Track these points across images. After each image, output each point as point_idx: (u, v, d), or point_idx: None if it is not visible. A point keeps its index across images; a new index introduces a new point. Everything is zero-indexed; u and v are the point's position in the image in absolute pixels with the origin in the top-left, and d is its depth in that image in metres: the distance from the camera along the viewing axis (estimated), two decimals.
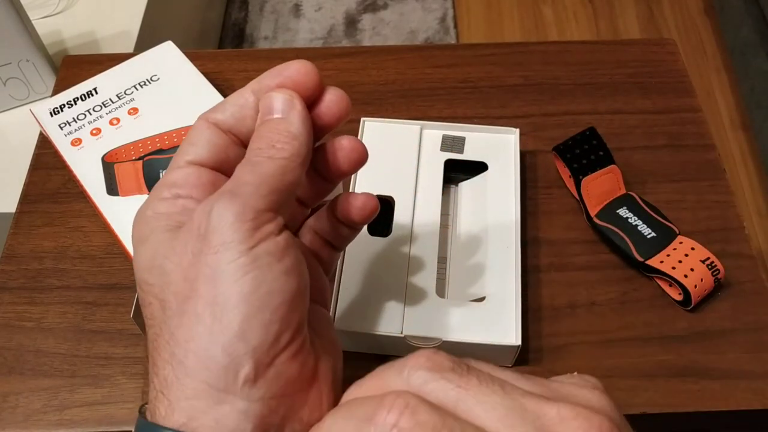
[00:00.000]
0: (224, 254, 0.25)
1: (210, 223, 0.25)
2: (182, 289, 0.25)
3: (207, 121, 0.29)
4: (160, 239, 0.27)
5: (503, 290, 0.42)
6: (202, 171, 0.28)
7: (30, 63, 0.76)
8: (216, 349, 0.24)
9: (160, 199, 0.28)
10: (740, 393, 0.41)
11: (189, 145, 0.29)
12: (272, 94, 0.28)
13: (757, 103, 1.31)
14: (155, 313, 0.26)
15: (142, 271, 0.27)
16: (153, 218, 0.27)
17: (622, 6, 1.65)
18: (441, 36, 1.60)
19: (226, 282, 0.24)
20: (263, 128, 0.28)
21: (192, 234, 0.25)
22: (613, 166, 0.47)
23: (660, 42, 0.59)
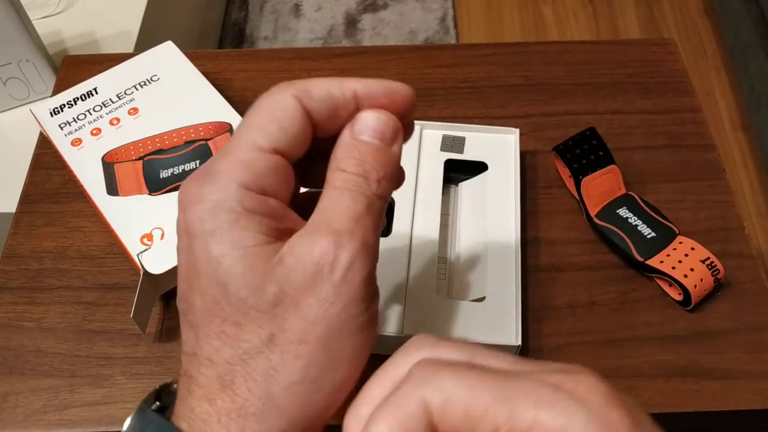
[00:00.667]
0: (350, 311, 0.24)
1: (347, 275, 0.24)
2: (295, 330, 0.24)
3: (301, 105, 0.26)
4: (260, 253, 0.24)
5: (503, 290, 0.42)
6: (287, 167, 0.26)
7: (30, 63, 0.76)
8: (318, 397, 0.25)
9: (245, 190, 0.25)
10: (740, 393, 0.41)
11: (279, 128, 0.26)
12: (384, 117, 0.27)
13: (757, 103, 1.31)
14: (248, 338, 0.24)
15: (236, 286, 0.24)
16: (243, 217, 0.25)
17: (622, 6, 1.65)
18: (441, 36, 1.60)
19: (345, 337, 0.25)
20: (367, 152, 0.26)
21: (319, 275, 0.24)
22: (613, 166, 0.47)
23: (660, 42, 0.59)
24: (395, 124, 0.27)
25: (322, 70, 0.57)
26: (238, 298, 0.24)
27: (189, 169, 0.47)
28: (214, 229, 0.24)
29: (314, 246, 0.24)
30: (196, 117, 0.50)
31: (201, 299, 0.25)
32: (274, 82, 0.60)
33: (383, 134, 0.26)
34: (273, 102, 0.26)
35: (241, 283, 0.24)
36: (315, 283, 0.24)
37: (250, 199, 0.25)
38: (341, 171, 0.26)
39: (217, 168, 0.25)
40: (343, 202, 0.25)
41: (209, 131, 0.49)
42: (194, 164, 0.47)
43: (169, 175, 0.47)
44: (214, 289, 0.25)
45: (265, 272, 0.24)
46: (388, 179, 0.26)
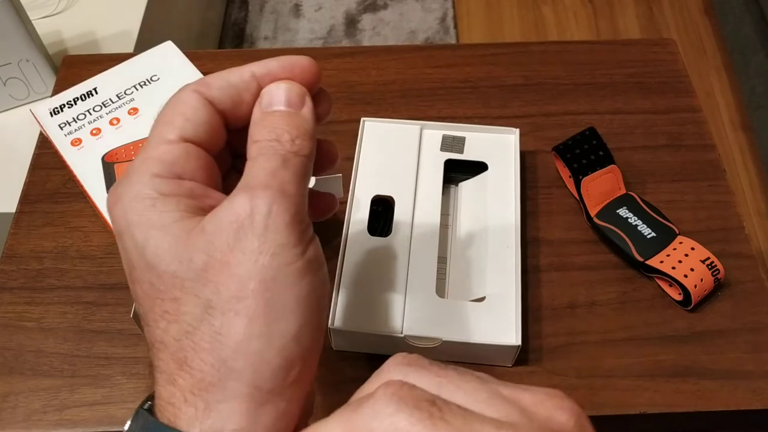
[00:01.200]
0: (282, 257, 0.24)
1: (267, 222, 0.24)
2: (230, 289, 0.24)
3: (201, 96, 0.27)
4: (180, 227, 0.25)
5: (503, 290, 0.42)
6: (200, 152, 0.27)
7: (30, 63, 0.76)
8: (271, 353, 0.24)
9: (159, 178, 0.26)
10: (740, 393, 0.41)
11: (183, 120, 0.27)
12: (286, 84, 0.28)
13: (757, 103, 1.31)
14: (187, 309, 0.24)
15: (165, 263, 0.25)
16: (160, 201, 0.25)
17: (622, 6, 1.65)
18: (441, 36, 1.60)
19: (284, 286, 0.24)
20: (277, 120, 0.27)
21: (241, 230, 0.24)
22: (613, 166, 0.47)
23: (660, 42, 0.59)
24: (299, 89, 0.28)
25: (323, 70, 0.57)
26: (169, 274, 0.25)
27: None
28: (133, 219, 0.25)
29: (232, 205, 0.25)
30: None
31: (141, 288, 0.26)
32: None
33: (289, 100, 0.27)
34: (175, 99, 0.28)
35: (168, 258, 0.25)
36: (238, 239, 0.24)
37: (164, 185, 0.26)
38: (255, 142, 0.26)
39: (131, 169, 0.26)
40: (258, 164, 0.26)
41: None
42: None
43: None
44: (147, 274, 0.25)
45: (189, 242, 0.25)
46: (303, 138, 0.27)
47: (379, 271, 0.43)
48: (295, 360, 0.25)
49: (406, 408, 0.21)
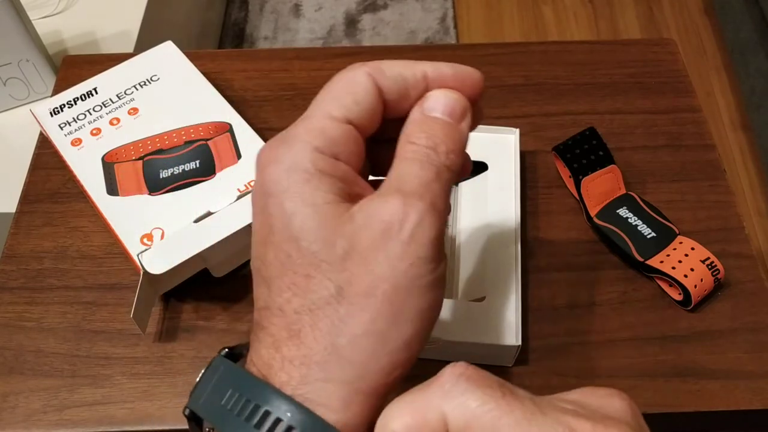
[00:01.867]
0: (418, 269, 0.25)
1: (414, 233, 0.25)
2: (363, 283, 0.25)
3: (374, 81, 0.28)
4: (330, 210, 0.26)
5: (503, 290, 0.42)
6: (358, 136, 0.27)
7: (30, 63, 0.76)
8: (382, 353, 0.25)
9: (319, 153, 0.26)
10: (740, 393, 0.41)
11: (352, 101, 0.27)
12: (453, 95, 0.28)
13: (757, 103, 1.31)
14: (316, 289, 0.25)
15: (308, 240, 0.25)
16: (316, 177, 0.26)
17: (622, 6, 1.65)
18: (441, 36, 1.60)
19: (411, 296, 0.25)
20: (437, 128, 0.27)
21: (388, 233, 0.25)
22: (613, 166, 0.47)
23: (660, 42, 0.59)
24: (464, 102, 0.28)
25: (323, 70, 0.57)
26: (310, 251, 0.25)
27: (189, 169, 0.47)
28: (288, 187, 0.26)
29: (385, 205, 0.25)
30: (196, 117, 0.50)
31: (275, 254, 0.26)
32: (274, 82, 0.61)
33: (452, 111, 0.28)
34: (348, 77, 0.28)
35: (312, 237, 0.25)
36: (384, 241, 0.25)
37: (322, 161, 0.26)
38: (411, 143, 0.27)
39: (293, 133, 0.27)
40: (413, 169, 0.26)
41: (209, 131, 0.49)
42: (194, 164, 0.47)
43: (169, 175, 0.47)
44: (287, 244, 0.26)
45: (336, 227, 0.25)
46: (456, 153, 0.27)
47: None
48: (400, 364, 0.25)
49: (476, 388, 0.22)
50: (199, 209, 0.44)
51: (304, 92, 0.56)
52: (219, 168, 0.47)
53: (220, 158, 0.47)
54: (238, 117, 0.50)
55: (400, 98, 0.28)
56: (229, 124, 0.50)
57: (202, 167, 0.47)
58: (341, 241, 0.25)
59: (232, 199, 0.45)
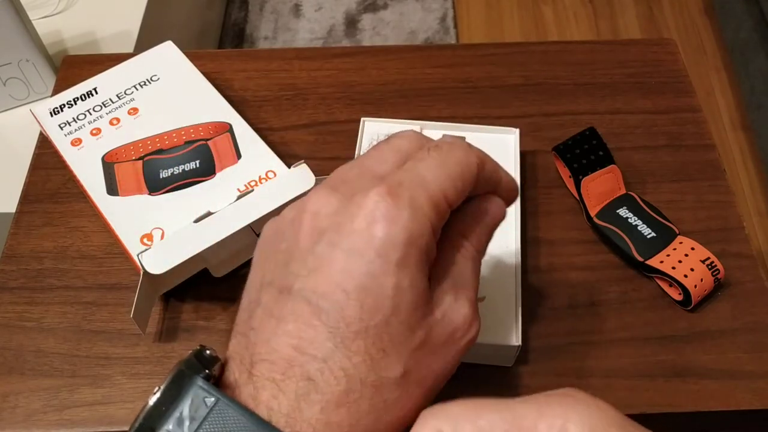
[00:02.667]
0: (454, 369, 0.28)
1: (467, 344, 0.28)
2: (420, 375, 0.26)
3: (478, 171, 0.28)
4: (423, 296, 0.26)
5: (503, 290, 0.42)
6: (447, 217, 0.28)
7: (30, 63, 0.76)
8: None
9: (432, 233, 0.27)
10: (740, 393, 0.41)
11: (462, 189, 0.28)
12: (505, 212, 0.31)
13: (757, 103, 1.31)
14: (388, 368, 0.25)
15: (401, 320, 0.26)
16: (425, 258, 0.26)
17: (622, 6, 1.65)
18: (441, 36, 1.60)
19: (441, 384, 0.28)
20: (486, 235, 0.30)
21: (452, 335, 0.27)
22: (613, 166, 0.47)
23: (660, 42, 0.59)
24: (505, 214, 0.31)
25: (322, 70, 0.57)
26: (398, 330, 0.26)
27: (189, 169, 0.47)
28: (403, 259, 0.25)
29: (460, 310, 0.28)
30: (196, 117, 0.50)
31: (360, 316, 0.25)
32: (274, 82, 0.61)
33: (496, 220, 0.31)
34: (467, 161, 0.28)
35: (405, 318, 0.26)
36: (449, 343, 0.27)
37: (432, 242, 0.27)
38: (469, 243, 0.29)
39: (414, 195, 0.26)
40: (471, 272, 0.29)
41: (209, 131, 0.49)
42: (194, 164, 0.47)
43: (169, 175, 0.47)
44: (379, 314, 0.25)
45: (423, 316, 0.26)
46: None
47: None
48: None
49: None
50: (199, 209, 0.44)
51: (304, 92, 0.56)
52: (219, 168, 0.47)
53: (220, 158, 0.47)
54: (238, 117, 0.50)
55: (476, 191, 0.30)
56: (229, 124, 0.50)
57: (202, 167, 0.47)
58: (420, 330, 0.26)
59: (232, 199, 0.45)
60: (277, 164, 0.47)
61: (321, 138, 0.53)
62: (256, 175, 0.46)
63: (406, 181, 0.26)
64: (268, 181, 0.46)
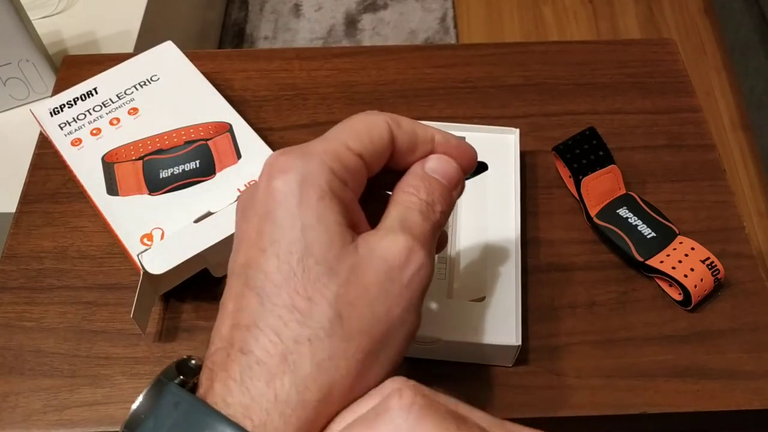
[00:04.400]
0: (408, 316, 0.26)
1: (412, 279, 0.26)
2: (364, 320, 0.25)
3: (390, 129, 0.29)
4: (338, 233, 0.25)
5: (503, 290, 0.42)
6: (364, 173, 0.28)
7: (30, 63, 0.76)
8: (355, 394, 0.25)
9: (334, 175, 0.26)
10: (740, 393, 0.41)
11: (369, 140, 0.28)
12: (455, 164, 0.30)
13: (757, 103, 1.31)
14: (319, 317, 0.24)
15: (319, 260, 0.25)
16: (328, 197, 0.26)
17: (622, 6, 1.65)
18: (441, 36, 1.60)
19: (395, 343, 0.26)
20: (437, 187, 0.29)
21: (392, 273, 0.25)
22: (613, 166, 0.47)
23: (660, 42, 0.59)
24: (460, 174, 0.30)
25: (322, 70, 0.57)
26: (316, 272, 0.25)
27: (189, 169, 0.47)
28: (302, 199, 0.25)
29: (392, 243, 0.26)
30: (196, 117, 0.50)
31: (278, 266, 0.25)
32: (274, 82, 0.61)
33: (450, 178, 0.30)
34: (368, 119, 0.29)
35: (321, 257, 0.25)
36: (386, 280, 0.25)
37: (336, 183, 0.26)
38: (412, 195, 0.28)
39: (311, 149, 0.27)
40: (416, 217, 0.27)
41: (209, 131, 0.49)
42: (194, 164, 0.47)
43: (169, 175, 0.47)
44: (293, 259, 0.25)
45: (341, 253, 0.25)
46: (446, 215, 0.29)
47: None
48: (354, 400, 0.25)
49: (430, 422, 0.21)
50: (199, 209, 0.44)
51: (304, 92, 0.56)
52: (219, 168, 0.47)
53: (220, 158, 0.47)
54: (238, 117, 0.50)
55: (407, 152, 0.29)
56: (229, 124, 0.50)
57: (202, 167, 0.47)
58: (345, 269, 0.25)
59: (232, 199, 0.45)
60: None
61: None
62: (256, 175, 0.46)
63: (312, 143, 0.28)
64: None
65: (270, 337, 0.24)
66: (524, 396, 0.41)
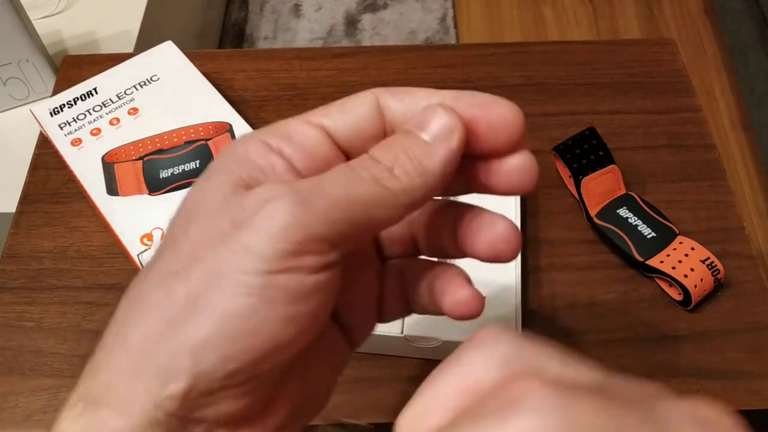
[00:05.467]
0: (241, 260, 0.20)
1: (254, 216, 0.20)
2: (183, 260, 0.22)
3: (377, 99, 0.24)
4: (226, 190, 0.22)
5: (503, 290, 0.42)
6: (328, 144, 0.23)
7: (30, 63, 0.76)
8: (165, 347, 0.21)
9: (259, 142, 0.22)
10: (740, 393, 0.41)
11: (339, 111, 0.23)
12: (438, 109, 0.23)
13: (757, 103, 1.31)
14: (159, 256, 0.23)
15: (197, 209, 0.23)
16: (235, 161, 0.22)
17: (622, 6, 1.65)
18: (441, 36, 1.60)
19: (222, 290, 0.20)
20: (399, 140, 0.23)
21: (234, 212, 0.21)
22: (613, 166, 0.47)
23: (660, 42, 0.59)
24: (449, 120, 0.23)
25: (322, 70, 0.57)
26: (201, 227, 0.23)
27: (189, 169, 0.47)
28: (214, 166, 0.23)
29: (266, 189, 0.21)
30: (196, 117, 0.50)
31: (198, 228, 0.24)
32: (274, 82, 0.60)
33: (424, 124, 0.23)
34: (352, 95, 0.24)
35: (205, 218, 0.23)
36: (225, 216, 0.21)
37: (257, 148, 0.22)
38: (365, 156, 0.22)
39: (257, 130, 0.24)
40: (333, 173, 0.22)
41: (209, 131, 0.49)
42: (194, 164, 0.47)
43: (169, 175, 0.47)
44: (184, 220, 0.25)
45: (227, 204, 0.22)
46: (410, 171, 0.22)
47: None
48: (179, 372, 0.21)
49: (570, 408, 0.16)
50: None
51: (304, 92, 0.56)
52: None
53: None
54: (238, 117, 0.50)
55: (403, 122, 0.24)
56: (229, 124, 0.50)
57: (202, 167, 0.47)
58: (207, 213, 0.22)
59: None
60: None
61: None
62: None
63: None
64: None
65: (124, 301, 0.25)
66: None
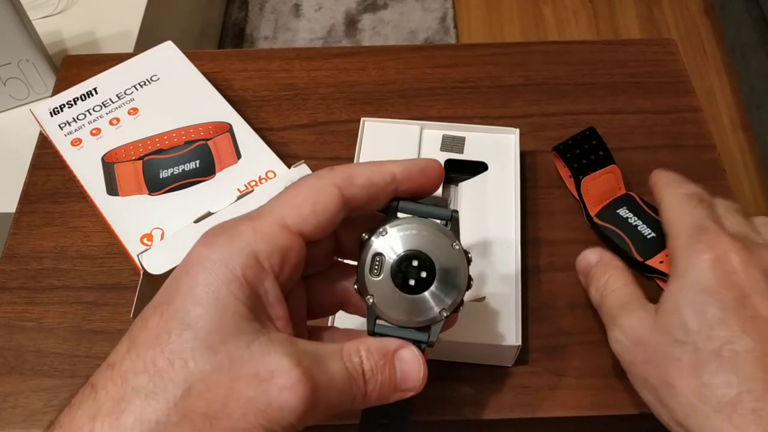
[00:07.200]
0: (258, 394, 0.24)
1: (270, 403, 0.24)
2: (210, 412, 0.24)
3: (341, 194, 0.27)
4: (233, 322, 0.24)
5: (503, 290, 0.42)
6: (302, 249, 0.26)
7: (30, 63, 0.76)
8: None
9: (254, 259, 0.25)
10: None
11: (310, 212, 0.26)
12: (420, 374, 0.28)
13: (757, 103, 1.31)
14: (171, 379, 0.24)
15: (198, 337, 0.24)
16: (237, 282, 0.25)
17: (622, 6, 1.65)
18: (441, 36, 1.60)
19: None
20: (388, 372, 0.27)
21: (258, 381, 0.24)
22: (613, 166, 0.47)
23: (660, 42, 0.59)
24: (417, 382, 0.28)
25: (322, 69, 0.57)
26: (192, 345, 0.24)
27: (189, 169, 0.47)
28: (208, 278, 0.25)
29: (280, 363, 0.24)
30: (196, 117, 0.50)
31: (156, 324, 0.25)
32: (274, 82, 0.60)
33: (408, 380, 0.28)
34: (314, 185, 0.27)
35: (203, 334, 0.24)
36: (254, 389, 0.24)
37: (252, 271, 0.25)
38: (359, 360, 0.27)
39: (241, 228, 0.26)
40: (336, 367, 0.26)
41: (209, 131, 0.49)
42: (194, 164, 0.47)
43: (169, 175, 0.47)
44: (176, 325, 0.24)
45: (230, 340, 0.24)
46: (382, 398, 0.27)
47: None
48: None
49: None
50: (199, 209, 0.44)
51: (304, 92, 0.56)
52: (219, 168, 0.47)
53: (220, 158, 0.47)
54: (238, 117, 0.50)
55: (369, 202, 0.28)
56: (229, 124, 0.50)
57: (202, 167, 0.47)
58: (224, 355, 0.24)
59: (232, 200, 0.45)
60: (277, 164, 0.47)
61: (321, 138, 0.53)
62: (256, 175, 0.46)
63: (247, 218, 0.27)
64: (268, 181, 0.46)
65: (116, 379, 0.24)
66: (524, 396, 0.41)
